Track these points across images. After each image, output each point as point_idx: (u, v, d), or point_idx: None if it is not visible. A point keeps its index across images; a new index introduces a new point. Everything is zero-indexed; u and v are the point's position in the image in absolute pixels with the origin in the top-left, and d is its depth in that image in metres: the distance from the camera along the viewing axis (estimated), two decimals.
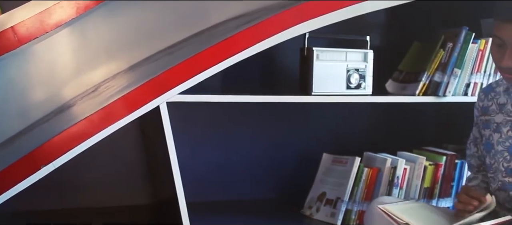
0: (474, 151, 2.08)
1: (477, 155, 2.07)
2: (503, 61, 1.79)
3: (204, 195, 2.53)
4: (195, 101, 2.10)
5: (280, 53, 2.56)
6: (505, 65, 1.79)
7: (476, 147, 2.07)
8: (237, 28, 2.06)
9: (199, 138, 2.57)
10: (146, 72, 2.08)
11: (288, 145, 2.69)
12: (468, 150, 2.12)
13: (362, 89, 2.34)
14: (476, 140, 2.07)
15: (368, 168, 2.37)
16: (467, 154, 2.13)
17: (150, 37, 2.19)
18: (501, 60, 1.79)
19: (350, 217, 2.36)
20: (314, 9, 2.09)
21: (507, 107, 1.93)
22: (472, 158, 2.11)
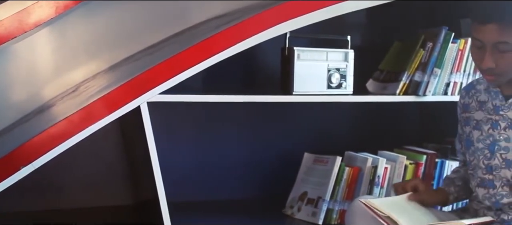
0: (459, 147, 2.11)
1: (462, 151, 2.09)
2: (483, 63, 1.80)
3: (185, 195, 2.53)
4: (176, 101, 2.09)
5: (261, 53, 2.57)
6: (485, 66, 1.81)
7: (460, 144, 2.10)
8: (218, 28, 2.06)
9: (180, 138, 2.57)
10: (126, 72, 2.07)
11: (269, 144, 2.69)
12: (456, 146, 2.16)
13: (343, 89, 2.34)
14: (460, 136, 2.09)
15: (349, 167, 2.38)
16: (456, 149, 2.17)
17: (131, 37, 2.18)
18: (482, 61, 1.81)
19: (331, 217, 2.36)
20: (294, 9, 2.09)
21: (488, 105, 1.95)
22: (458, 154, 2.15)
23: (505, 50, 1.78)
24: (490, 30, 1.77)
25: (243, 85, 2.63)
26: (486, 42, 1.79)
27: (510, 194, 1.91)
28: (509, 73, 1.83)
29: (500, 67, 1.80)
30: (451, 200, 2.08)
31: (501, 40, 1.77)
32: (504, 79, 1.85)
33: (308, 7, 2.10)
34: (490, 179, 1.94)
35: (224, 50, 2.03)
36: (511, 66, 1.80)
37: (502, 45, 1.77)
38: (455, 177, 2.11)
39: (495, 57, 1.79)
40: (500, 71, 1.81)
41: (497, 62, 1.79)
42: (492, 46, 1.78)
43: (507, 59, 1.79)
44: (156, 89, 2.01)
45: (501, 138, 1.90)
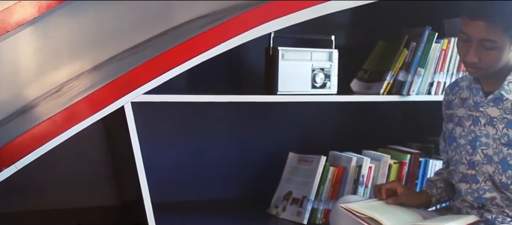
0: (443, 145, 2.13)
1: (446, 149, 2.11)
2: (468, 56, 1.84)
3: (170, 195, 2.52)
4: (160, 101, 2.09)
5: (245, 53, 2.57)
6: (470, 60, 1.84)
7: (444, 142, 2.11)
8: (202, 28, 2.06)
9: (164, 138, 2.56)
10: (110, 72, 2.07)
11: (254, 144, 2.69)
12: (440, 145, 2.17)
13: (327, 89, 2.35)
14: (444, 134, 2.11)
15: (333, 167, 2.39)
16: (439, 149, 2.19)
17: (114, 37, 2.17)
18: (466, 55, 1.85)
19: (316, 216, 2.37)
20: (278, 9, 2.09)
21: (469, 101, 1.97)
22: (442, 153, 2.17)
23: (490, 47, 1.81)
24: (478, 26, 1.81)
25: (227, 85, 2.63)
26: (473, 37, 1.82)
27: (493, 189, 1.92)
28: (491, 68, 1.85)
29: (483, 63, 1.84)
30: (433, 202, 2.09)
31: (487, 37, 1.80)
32: (486, 73, 1.88)
33: (292, 7, 2.10)
34: (472, 175, 1.96)
35: (208, 50, 2.03)
36: (493, 62, 1.84)
37: (488, 42, 1.80)
38: (437, 179, 2.13)
39: (480, 53, 1.83)
40: (483, 66, 1.85)
41: (481, 57, 1.83)
42: (478, 42, 1.82)
43: (491, 56, 1.82)
44: (140, 89, 2.01)
45: (481, 134, 1.92)
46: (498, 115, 1.89)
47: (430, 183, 2.12)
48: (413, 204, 2.06)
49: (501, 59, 1.84)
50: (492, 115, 1.90)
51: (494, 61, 1.84)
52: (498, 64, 1.85)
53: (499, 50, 1.82)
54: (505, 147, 1.87)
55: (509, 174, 1.88)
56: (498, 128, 1.89)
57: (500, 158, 1.88)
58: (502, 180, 1.89)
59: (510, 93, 1.88)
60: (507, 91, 1.88)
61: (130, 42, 2.17)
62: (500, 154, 1.88)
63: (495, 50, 1.82)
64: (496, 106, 1.90)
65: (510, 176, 1.88)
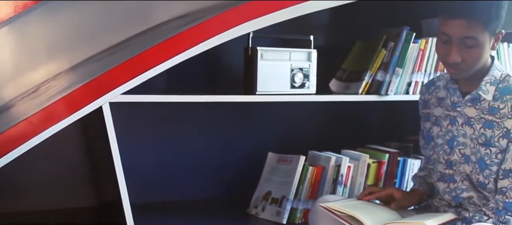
0: (423, 143, 2.14)
1: (425, 146, 2.12)
2: (450, 57, 1.84)
3: (149, 196, 2.51)
4: (138, 101, 2.08)
5: (224, 53, 2.56)
6: (452, 60, 1.84)
7: (423, 140, 2.13)
8: (180, 28, 2.05)
9: (143, 138, 2.55)
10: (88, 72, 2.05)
11: (233, 144, 2.69)
12: (420, 142, 2.19)
13: (306, 88, 2.35)
14: (423, 132, 2.12)
15: (312, 166, 2.39)
16: (420, 146, 2.20)
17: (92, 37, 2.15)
18: (448, 55, 1.85)
19: (295, 216, 2.37)
20: (257, 9, 2.09)
21: (446, 101, 1.99)
22: (422, 149, 2.18)
23: (472, 45, 1.82)
24: (458, 25, 1.81)
25: (206, 85, 2.62)
26: (453, 37, 1.83)
27: (470, 189, 1.94)
28: (474, 67, 1.86)
29: (465, 62, 1.84)
30: (425, 199, 2.11)
31: (468, 35, 1.81)
32: (468, 73, 1.89)
33: (271, 7, 2.10)
34: (450, 174, 1.97)
35: (186, 50, 2.02)
36: (476, 60, 1.85)
37: (469, 40, 1.81)
38: (425, 174, 2.14)
39: (461, 52, 1.83)
40: (465, 66, 1.85)
41: (463, 56, 1.84)
42: (459, 41, 1.82)
43: (473, 54, 1.83)
44: (118, 89, 1.99)
45: (459, 134, 1.93)
46: (475, 115, 1.91)
47: (420, 180, 2.13)
48: (411, 205, 2.07)
49: (483, 56, 1.85)
50: (469, 115, 1.92)
51: (476, 59, 1.85)
52: (480, 62, 1.86)
53: (480, 47, 1.83)
54: (483, 147, 1.89)
55: (486, 174, 1.89)
56: (476, 128, 1.90)
57: (478, 158, 1.90)
58: (479, 180, 1.91)
59: (487, 94, 1.89)
60: (484, 91, 1.89)
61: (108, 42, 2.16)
62: (477, 154, 1.90)
63: (476, 47, 1.83)
64: (474, 106, 1.91)
65: (488, 175, 1.89)
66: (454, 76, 1.93)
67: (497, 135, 1.86)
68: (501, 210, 1.85)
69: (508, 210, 1.85)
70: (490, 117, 1.88)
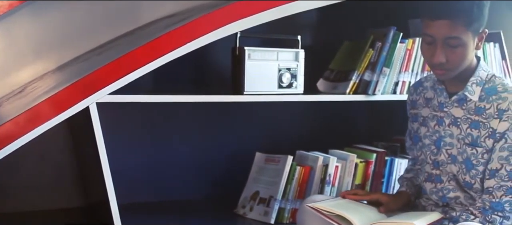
0: (410, 143, 2.15)
1: (412, 147, 2.13)
2: (435, 58, 1.85)
3: (136, 196, 2.51)
4: (125, 101, 2.07)
5: (212, 53, 2.56)
6: (437, 61, 1.85)
7: (411, 140, 2.13)
8: (168, 28, 2.05)
9: (131, 139, 2.54)
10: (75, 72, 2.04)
11: (221, 144, 2.69)
12: (406, 143, 2.19)
13: (293, 88, 2.36)
14: (410, 132, 2.13)
15: (300, 166, 2.40)
16: (406, 146, 2.20)
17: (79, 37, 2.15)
18: (433, 57, 1.85)
19: (283, 216, 2.37)
20: (244, 9, 2.09)
21: (433, 102, 1.99)
22: (409, 151, 2.19)
23: (456, 45, 1.83)
24: (441, 26, 1.82)
25: (194, 85, 2.62)
26: (437, 37, 1.83)
27: (456, 189, 1.95)
28: (459, 67, 1.87)
29: (450, 62, 1.85)
30: (412, 200, 2.11)
31: (452, 35, 1.82)
32: (453, 74, 1.89)
33: (258, 7, 2.10)
34: (437, 174, 1.98)
35: (173, 50, 2.02)
36: (460, 60, 1.85)
37: (453, 40, 1.82)
38: (412, 176, 2.14)
39: (446, 52, 1.84)
40: (451, 66, 1.86)
41: (448, 57, 1.84)
42: (443, 41, 1.83)
43: (457, 54, 1.84)
44: (105, 90, 1.99)
45: (446, 134, 1.94)
46: (462, 115, 1.92)
47: (408, 182, 2.13)
48: (398, 207, 2.06)
49: (467, 56, 1.86)
50: (456, 116, 1.93)
51: (461, 59, 1.85)
52: (465, 62, 1.87)
53: (464, 47, 1.84)
54: (469, 147, 1.90)
55: (473, 174, 1.90)
56: (462, 129, 1.91)
57: (464, 158, 1.91)
58: (466, 180, 1.92)
59: (473, 94, 1.90)
60: (471, 92, 1.90)
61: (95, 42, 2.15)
62: (464, 154, 1.91)
63: (460, 47, 1.83)
64: (460, 106, 1.92)
65: (474, 175, 1.90)
66: (440, 77, 1.93)
67: (483, 135, 1.87)
68: (487, 209, 1.86)
69: (494, 210, 1.86)
70: (477, 117, 1.89)
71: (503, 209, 1.86)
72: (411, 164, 2.20)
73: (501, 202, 1.85)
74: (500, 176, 1.85)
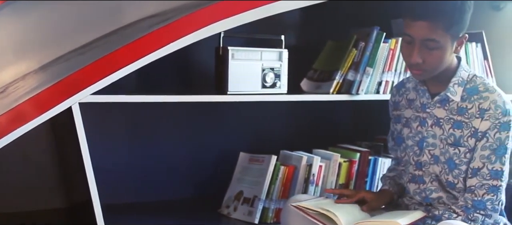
0: (392, 144, 2.16)
1: (395, 148, 2.14)
2: (412, 58, 1.86)
3: (120, 197, 2.50)
4: (108, 101, 2.06)
5: (195, 53, 2.56)
6: (414, 61, 1.86)
7: (393, 141, 2.14)
8: (151, 28, 2.04)
9: (114, 139, 2.53)
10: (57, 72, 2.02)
11: (205, 144, 2.68)
12: (388, 143, 2.20)
13: (277, 88, 2.36)
14: (393, 133, 2.13)
15: (284, 166, 2.40)
16: (388, 147, 2.21)
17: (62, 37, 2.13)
18: (410, 56, 1.87)
19: (267, 215, 2.38)
20: (227, 9, 2.09)
21: (416, 103, 2.00)
22: (391, 151, 2.20)
23: (433, 47, 1.84)
24: (420, 27, 1.83)
25: (177, 85, 2.61)
26: (416, 38, 1.84)
27: (439, 189, 1.96)
28: (435, 69, 1.88)
29: (427, 63, 1.86)
30: (395, 199, 2.12)
31: (429, 37, 1.83)
32: (430, 75, 1.91)
33: (241, 7, 2.10)
34: (420, 175, 1.99)
35: (156, 50, 2.01)
36: (437, 63, 1.86)
37: (430, 42, 1.83)
38: (394, 175, 2.15)
39: (423, 53, 1.85)
40: (427, 67, 1.87)
41: (425, 58, 1.85)
42: (420, 42, 1.84)
43: (434, 56, 1.85)
44: (88, 90, 1.98)
45: (428, 135, 1.95)
46: (444, 116, 1.93)
47: (390, 181, 2.14)
48: (382, 205, 2.07)
49: (444, 59, 1.87)
50: (438, 116, 1.94)
51: (437, 62, 1.86)
52: (441, 65, 1.88)
53: (442, 50, 1.85)
54: (452, 147, 1.91)
55: (456, 173, 1.92)
56: (445, 129, 1.92)
57: (447, 158, 1.92)
58: (449, 180, 1.93)
59: (455, 95, 1.91)
60: (453, 92, 1.91)
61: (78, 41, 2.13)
62: (446, 154, 1.92)
63: (437, 50, 1.84)
64: (443, 107, 1.93)
65: (457, 175, 1.91)
66: (417, 77, 1.95)
67: (466, 135, 1.89)
68: (470, 208, 1.88)
69: (476, 208, 1.87)
70: (459, 117, 1.90)
71: (485, 208, 1.87)
72: (394, 163, 2.21)
73: (483, 200, 1.87)
74: (482, 175, 1.87)
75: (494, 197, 1.87)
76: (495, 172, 1.86)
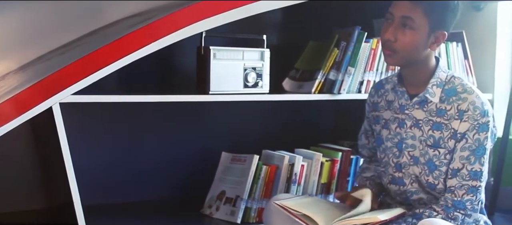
0: (365, 142, 2.16)
1: (368, 146, 2.15)
2: (386, 34, 1.88)
3: (101, 197, 2.48)
4: (89, 101, 2.05)
5: (177, 52, 2.55)
6: (386, 37, 1.88)
7: (367, 140, 2.15)
8: (132, 27, 2.04)
9: (95, 139, 2.52)
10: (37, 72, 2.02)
11: (187, 144, 2.68)
12: (359, 141, 2.20)
13: (259, 88, 2.36)
14: (367, 132, 2.14)
15: (266, 165, 2.40)
16: (359, 145, 2.22)
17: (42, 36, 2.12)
18: (385, 33, 1.88)
19: (249, 215, 2.38)
20: (209, 8, 2.09)
21: (394, 104, 2.01)
22: (363, 149, 2.20)
23: (409, 26, 1.85)
24: (401, 4, 1.86)
25: (159, 85, 2.60)
26: (395, 15, 1.87)
27: (419, 191, 1.97)
28: (406, 54, 1.88)
29: (398, 43, 1.87)
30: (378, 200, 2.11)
31: (407, 14, 1.85)
32: (400, 60, 1.90)
33: (223, 7, 2.10)
34: (400, 177, 2.00)
35: (138, 49, 2.00)
36: (408, 45, 1.87)
37: (408, 20, 1.85)
38: (372, 175, 2.14)
39: (397, 31, 1.86)
40: (397, 47, 1.87)
41: (397, 36, 1.86)
42: (399, 20, 1.86)
43: (407, 36, 1.86)
44: (68, 90, 1.96)
45: (407, 136, 1.96)
46: (423, 117, 1.93)
47: (370, 181, 2.11)
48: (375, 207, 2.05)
49: (416, 46, 1.87)
50: (417, 118, 1.94)
51: (409, 44, 1.86)
52: (412, 52, 1.88)
53: (416, 33, 1.85)
54: (431, 148, 1.92)
55: (436, 175, 1.92)
56: (424, 130, 1.93)
57: (426, 160, 1.93)
58: (429, 181, 1.94)
59: (434, 96, 1.92)
60: (431, 94, 1.92)
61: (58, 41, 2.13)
62: (426, 155, 1.93)
63: (411, 30, 1.85)
64: (421, 108, 1.94)
65: (437, 176, 1.92)
66: (386, 60, 1.94)
67: (446, 136, 1.89)
68: (450, 207, 1.89)
69: (456, 208, 1.89)
70: (438, 119, 1.91)
71: (465, 207, 1.88)
72: (366, 162, 2.20)
73: (463, 200, 1.88)
74: (462, 175, 1.88)
75: (474, 198, 1.88)
76: (475, 173, 1.87)
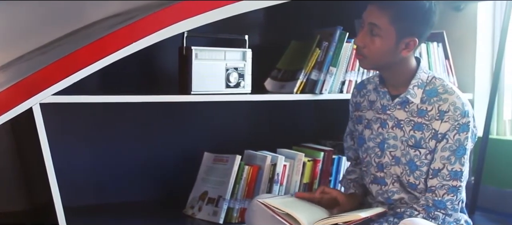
0: (351, 144, 2.16)
1: (354, 147, 2.15)
2: (357, 39, 1.92)
3: (83, 198, 2.47)
4: (70, 102, 2.04)
5: (159, 53, 2.54)
6: (357, 42, 1.92)
7: (352, 141, 2.15)
8: (113, 27, 2.02)
9: (76, 140, 2.50)
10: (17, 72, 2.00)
11: (169, 145, 2.67)
12: (345, 143, 2.20)
13: (241, 88, 2.36)
14: (352, 133, 2.14)
15: (248, 166, 2.40)
16: (345, 147, 2.21)
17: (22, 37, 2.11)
18: (357, 38, 1.92)
19: (232, 215, 2.37)
20: (191, 9, 2.08)
21: (376, 104, 2.02)
22: (349, 151, 2.20)
23: (375, 34, 1.88)
24: (369, 11, 1.89)
25: (141, 85, 2.59)
26: (365, 21, 1.90)
27: (400, 190, 1.98)
28: (375, 60, 1.91)
29: (367, 49, 1.90)
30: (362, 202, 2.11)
31: (373, 22, 1.87)
32: (370, 65, 1.95)
33: (204, 7, 2.09)
34: (381, 177, 2.00)
35: (119, 50, 1.99)
36: (376, 53, 1.90)
37: (374, 27, 1.88)
38: (356, 177, 2.14)
39: (366, 38, 1.90)
40: (367, 53, 1.90)
41: (366, 43, 1.90)
42: (367, 26, 1.89)
43: (375, 44, 1.89)
44: (49, 90, 1.95)
45: (389, 136, 1.96)
46: (405, 117, 1.94)
47: (354, 183, 2.12)
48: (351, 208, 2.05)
49: (384, 52, 1.89)
50: (399, 118, 1.95)
51: (377, 52, 1.89)
52: (382, 58, 1.90)
53: (382, 41, 1.87)
54: (412, 149, 1.93)
55: (417, 175, 1.93)
56: (405, 131, 1.94)
57: (408, 160, 1.94)
58: (410, 181, 1.95)
59: (415, 97, 1.93)
60: (412, 94, 1.93)
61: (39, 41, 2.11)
62: (407, 155, 1.94)
63: (378, 38, 1.87)
64: (403, 109, 1.95)
65: (418, 176, 1.93)
66: (360, 64, 1.98)
67: (427, 137, 1.90)
68: (431, 206, 1.90)
69: (437, 207, 1.90)
70: (419, 119, 1.92)
71: (446, 207, 1.90)
72: (353, 164, 2.21)
73: (444, 200, 1.89)
74: (442, 175, 1.89)
75: (454, 197, 1.90)
76: (455, 173, 1.89)
